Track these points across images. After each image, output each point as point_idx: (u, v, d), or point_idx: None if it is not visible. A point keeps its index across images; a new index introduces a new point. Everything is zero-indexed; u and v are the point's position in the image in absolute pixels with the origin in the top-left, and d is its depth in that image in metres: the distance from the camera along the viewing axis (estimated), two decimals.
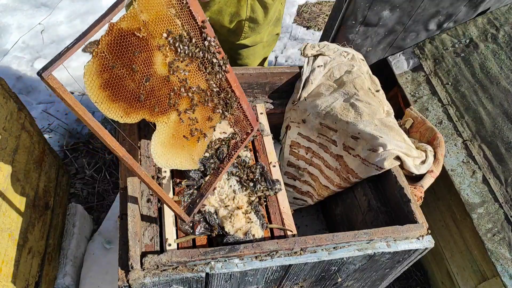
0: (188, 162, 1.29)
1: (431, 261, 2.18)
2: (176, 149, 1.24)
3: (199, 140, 1.32)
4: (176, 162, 1.25)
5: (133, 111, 1.07)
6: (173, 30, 1.11)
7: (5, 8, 3.22)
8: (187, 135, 1.26)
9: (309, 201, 1.87)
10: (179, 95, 1.19)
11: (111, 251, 2.06)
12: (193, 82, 1.23)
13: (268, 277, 1.28)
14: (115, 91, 1.01)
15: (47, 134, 2.57)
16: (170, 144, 1.21)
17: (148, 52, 1.06)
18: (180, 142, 1.25)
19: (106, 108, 1.01)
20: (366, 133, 1.48)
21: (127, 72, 1.02)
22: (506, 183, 1.70)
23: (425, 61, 2.05)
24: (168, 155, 1.21)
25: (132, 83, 1.04)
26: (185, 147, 1.27)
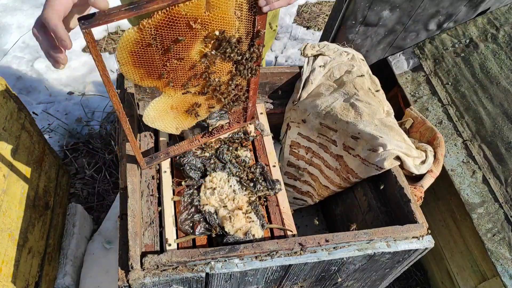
0: (170, 129, 1.34)
1: (431, 261, 2.18)
2: (167, 117, 1.28)
3: (191, 117, 1.34)
4: (160, 125, 1.30)
5: (149, 80, 1.08)
6: (228, 30, 1.08)
7: (5, 8, 3.22)
8: (182, 110, 1.29)
9: (309, 201, 1.87)
10: (197, 81, 1.18)
11: (111, 251, 2.06)
12: (218, 75, 1.23)
13: (268, 277, 1.28)
14: (141, 61, 1.01)
15: (47, 134, 2.57)
16: (164, 111, 1.25)
17: (192, 40, 1.04)
18: (174, 113, 1.28)
19: (126, 70, 1.01)
20: (366, 133, 1.48)
21: (161, 51, 1.01)
22: (506, 183, 1.70)
23: (425, 61, 2.05)
24: (157, 117, 1.26)
25: (160, 60, 1.04)
26: (175, 118, 1.31)
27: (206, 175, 1.41)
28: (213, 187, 1.37)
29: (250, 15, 1.09)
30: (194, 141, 1.39)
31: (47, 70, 2.91)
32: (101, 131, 2.65)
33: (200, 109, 1.33)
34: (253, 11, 1.08)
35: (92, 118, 2.71)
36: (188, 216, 1.31)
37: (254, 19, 1.10)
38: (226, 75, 1.25)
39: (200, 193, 1.36)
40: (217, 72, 1.22)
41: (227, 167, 1.44)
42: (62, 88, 2.85)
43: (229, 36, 1.10)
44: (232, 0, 1.02)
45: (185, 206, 1.34)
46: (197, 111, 1.33)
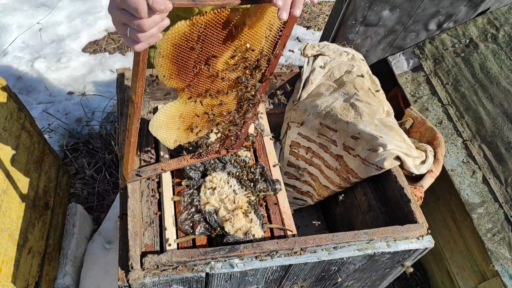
0: (169, 141, 1.33)
1: (431, 261, 2.18)
2: (172, 126, 1.27)
3: (190, 133, 1.33)
4: (163, 134, 1.29)
5: (175, 79, 1.09)
6: (255, 47, 1.10)
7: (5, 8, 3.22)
8: (187, 123, 1.28)
9: (309, 201, 1.87)
10: (211, 92, 1.18)
11: (111, 251, 2.06)
12: (229, 94, 1.24)
13: (268, 277, 1.28)
14: (179, 57, 1.02)
15: (47, 134, 2.57)
16: (172, 119, 1.24)
17: (225, 47, 1.06)
18: (179, 123, 1.28)
19: (161, 63, 1.02)
20: (366, 133, 1.48)
21: (198, 51, 1.02)
22: (506, 183, 1.70)
23: (425, 61, 2.05)
24: (164, 124, 1.26)
25: (193, 61, 1.05)
26: (178, 130, 1.30)
27: (206, 175, 1.41)
28: (213, 187, 1.37)
29: (275, 37, 1.10)
30: (182, 160, 1.37)
31: (47, 70, 2.91)
32: (101, 131, 2.65)
33: (201, 127, 1.33)
34: (279, 34, 1.09)
35: (92, 118, 2.71)
36: (188, 216, 1.31)
37: (276, 43, 1.11)
38: (234, 98, 1.26)
39: (200, 193, 1.36)
40: (231, 87, 1.22)
41: (227, 167, 1.44)
42: (62, 88, 2.85)
43: (254, 51, 1.11)
44: (267, 18, 1.04)
45: (185, 206, 1.34)
46: (198, 128, 1.32)
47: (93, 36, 3.22)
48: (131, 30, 0.82)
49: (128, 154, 1.18)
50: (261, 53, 1.12)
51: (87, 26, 3.23)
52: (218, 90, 1.19)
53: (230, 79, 1.17)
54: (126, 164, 1.22)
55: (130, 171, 1.24)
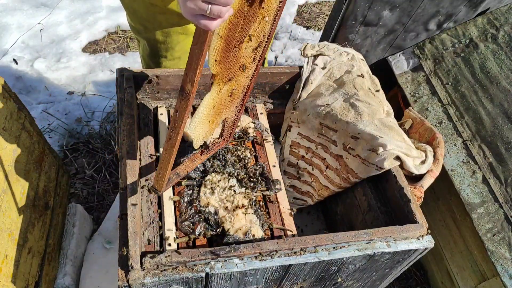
0: (200, 139, 1.29)
1: (431, 261, 2.18)
2: (207, 120, 1.23)
3: (212, 126, 1.31)
4: (198, 130, 1.23)
5: (222, 64, 1.08)
6: (269, 19, 1.11)
7: (5, 8, 3.22)
8: (217, 114, 1.26)
9: (309, 201, 1.87)
10: (238, 73, 1.18)
11: (111, 251, 2.06)
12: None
13: (268, 277, 1.28)
14: (230, 37, 1.03)
15: (47, 134, 2.57)
16: (208, 111, 1.21)
17: (253, 20, 1.07)
18: (211, 115, 1.24)
19: (217, 45, 1.02)
20: (366, 133, 1.48)
21: (241, 28, 1.04)
22: (506, 183, 1.70)
23: (425, 61, 2.05)
24: (203, 120, 1.21)
25: (236, 40, 1.06)
26: (209, 123, 1.26)
27: (206, 175, 1.41)
28: (213, 187, 1.37)
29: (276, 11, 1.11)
30: (196, 159, 1.36)
31: (47, 70, 2.91)
32: (101, 131, 2.65)
33: (225, 116, 1.33)
34: (279, 6, 1.09)
35: (92, 118, 2.71)
36: (188, 216, 1.31)
37: (276, 15, 1.12)
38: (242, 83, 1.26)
39: (200, 193, 1.36)
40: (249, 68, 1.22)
41: (227, 167, 1.44)
42: (62, 88, 2.85)
43: (267, 26, 1.12)
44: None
45: (185, 206, 1.34)
46: (223, 118, 1.32)
47: (93, 36, 3.22)
48: (213, 8, 0.87)
49: (170, 158, 1.09)
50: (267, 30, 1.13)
51: (87, 26, 3.23)
52: (240, 70, 1.17)
53: (248, 57, 1.16)
54: (164, 172, 1.13)
55: (166, 180, 1.15)
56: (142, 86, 1.56)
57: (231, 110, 1.35)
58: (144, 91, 1.58)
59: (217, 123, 1.34)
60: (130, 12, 1.73)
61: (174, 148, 1.08)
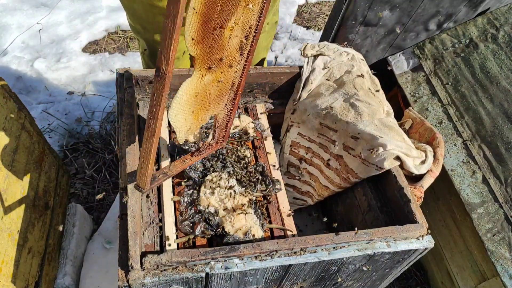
0: (183, 132, 1.22)
1: (431, 261, 2.18)
2: (188, 110, 1.19)
3: (199, 119, 1.25)
4: (180, 120, 1.19)
5: (199, 45, 1.07)
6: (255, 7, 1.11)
7: (5, 8, 3.22)
8: (200, 103, 1.21)
9: (309, 201, 1.87)
10: (222, 63, 1.16)
11: (111, 251, 2.06)
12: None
13: (268, 277, 1.28)
14: (207, 15, 1.03)
15: (47, 134, 2.57)
16: (190, 99, 1.17)
17: (234, 8, 1.08)
18: (194, 105, 1.19)
19: (193, 20, 1.02)
20: (366, 133, 1.48)
21: (220, 9, 1.04)
22: (506, 183, 1.70)
23: (425, 61, 2.05)
24: (182, 107, 1.17)
25: (215, 21, 1.06)
26: (192, 114, 1.21)
27: (206, 175, 1.41)
28: (213, 187, 1.37)
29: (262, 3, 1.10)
30: (186, 160, 1.31)
31: (47, 70, 2.91)
32: (101, 131, 2.65)
33: (210, 110, 1.27)
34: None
35: (92, 118, 2.71)
36: (188, 216, 1.31)
37: (262, 8, 1.11)
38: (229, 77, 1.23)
39: (200, 193, 1.36)
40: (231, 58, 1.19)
41: (227, 167, 1.44)
42: (62, 88, 2.85)
43: (253, 14, 1.12)
44: None
45: (185, 206, 1.34)
46: (207, 112, 1.26)
47: (93, 36, 3.22)
48: None
49: (151, 149, 1.03)
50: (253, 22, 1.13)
51: (87, 26, 3.23)
52: (224, 61, 1.15)
53: (233, 48, 1.15)
54: (146, 166, 1.08)
55: (149, 175, 1.11)
56: (142, 86, 1.56)
57: (220, 107, 1.30)
58: (144, 91, 1.58)
59: (204, 118, 1.27)
60: (130, 13, 1.73)
61: (154, 137, 1.01)
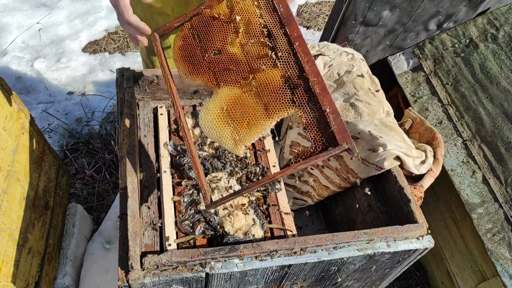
0: (227, 141, 1.11)
1: (431, 261, 2.18)
2: (221, 122, 1.12)
3: (249, 126, 1.10)
4: (215, 134, 1.12)
5: (195, 75, 1.19)
6: (250, 17, 1.16)
7: (5, 8, 3.22)
8: (236, 114, 1.11)
9: (309, 201, 1.87)
10: (242, 72, 1.14)
11: (111, 251, 2.06)
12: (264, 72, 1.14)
13: (268, 277, 1.28)
14: (187, 55, 1.20)
15: (47, 134, 2.57)
16: (217, 115, 1.12)
17: (221, 31, 1.18)
18: (226, 118, 1.12)
19: (177, 65, 1.20)
20: (366, 133, 1.48)
21: (199, 44, 1.19)
22: (506, 183, 1.70)
23: (425, 61, 2.05)
24: (212, 123, 1.12)
25: (201, 54, 1.19)
26: (229, 125, 1.11)
27: (206, 175, 1.41)
28: (213, 187, 1.37)
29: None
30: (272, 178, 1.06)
31: (47, 70, 2.91)
32: (101, 131, 2.65)
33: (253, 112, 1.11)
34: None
35: (92, 118, 2.71)
36: (188, 216, 1.31)
37: (273, 3, 1.14)
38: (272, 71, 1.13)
39: (200, 193, 1.36)
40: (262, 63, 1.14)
41: (227, 167, 1.44)
42: (62, 88, 2.85)
43: (252, 20, 1.15)
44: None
45: (185, 206, 1.34)
46: (253, 115, 1.11)
47: (93, 36, 3.22)
48: (128, 33, 1.19)
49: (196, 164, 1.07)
50: (265, 21, 1.15)
51: (87, 26, 3.23)
52: (249, 70, 1.14)
53: (254, 53, 1.13)
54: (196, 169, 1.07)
55: (207, 193, 1.04)
56: (142, 86, 1.56)
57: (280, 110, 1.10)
58: (144, 91, 1.58)
59: (257, 126, 1.11)
60: None
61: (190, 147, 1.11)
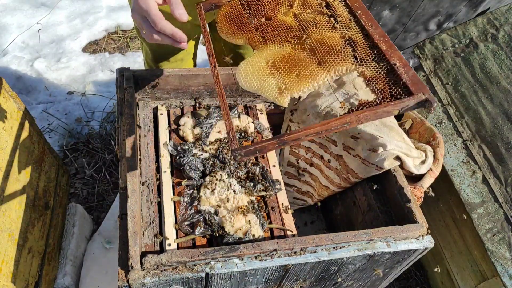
0: (272, 91, 1.00)
1: (431, 261, 2.18)
2: (263, 74, 1.04)
3: (299, 75, 1.03)
4: (256, 84, 1.02)
5: (240, 34, 1.16)
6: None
7: (5, 8, 3.22)
8: (285, 67, 1.05)
9: (309, 201, 1.87)
10: (294, 32, 1.11)
11: (111, 251, 2.06)
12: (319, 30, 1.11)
13: (268, 277, 1.28)
14: (231, 18, 1.18)
15: (47, 134, 2.57)
16: (260, 68, 1.05)
17: (277, 3, 1.17)
18: (272, 70, 1.05)
19: (220, 26, 1.18)
20: (366, 133, 1.48)
21: (248, 12, 1.18)
22: (506, 183, 1.70)
23: (425, 61, 2.05)
24: (253, 74, 1.04)
25: (248, 18, 1.17)
26: (274, 76, 1.04)
27: (206, 175, 1.41)
28: (213, 187, 1.37)
29: None
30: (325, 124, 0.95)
31: (47, 70, 2.91)
32: (101, 131, 2.65)
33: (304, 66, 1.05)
34: None
35: (92, 118, 2.71)
36: (188, 216, 1.31)
37: None
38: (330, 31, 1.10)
39: (200, 193, 1.36)
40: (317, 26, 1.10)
41: (227, 167, 1.44)
42: (62, 88, 2.85)
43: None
44: None
45: (185, 206, 1.34)
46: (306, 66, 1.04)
47: (93, 36, 3.22)
48: (145, 31, 1.11)
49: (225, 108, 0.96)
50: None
51: (87, 26, 3.23)
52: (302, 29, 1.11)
53: (310, 22, 1.12)
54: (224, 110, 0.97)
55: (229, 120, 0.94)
56: (142, 86, 1.56)
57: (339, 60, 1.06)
58: (144, 91, 1.58)
59: (308, 75, 1.03)
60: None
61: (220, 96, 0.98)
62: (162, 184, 1.38)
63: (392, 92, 0.94)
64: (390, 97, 0.93)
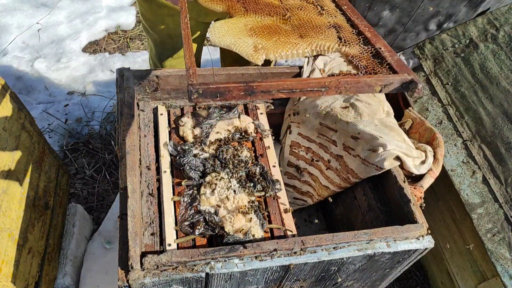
0: (246, 48, 0.96)
1: (431, 261, 2.18)
2: (241, 34, 1.01)
3: (277, 40, 0.99)
4: (230, 40, 0.98)
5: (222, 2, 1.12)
6: None
7: (5, 8, 3.22)
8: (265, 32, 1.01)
9: (309, 201, 1.87)
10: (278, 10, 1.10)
11: (111, 251, 2.06)
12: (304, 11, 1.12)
13: (268, 277, 1.28)
14: None
15: (47, 134, 2.57)
16: (237, 29, 1.03)
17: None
18: (250, 32, 1.02)
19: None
20: (366, 133, 1.48)
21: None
22: (506, 183, 1.70)
23: (425, 61, 2.05)
24: (227, 32, 1.01)
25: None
26: (252, 37, 1.01)
27: (206, 175, 1.41)
28: (213, 187, 1.37)
29: None
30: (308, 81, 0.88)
31: (47, 70, 2.91)
32: (101, 131, 2.65)
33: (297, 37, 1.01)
34: None
35: (92, 118, 2.71)
36: (188, 216, 1.31)
37: None
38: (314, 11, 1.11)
39: (200, 193, 1.36)
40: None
41: (227, 167, 1.44)
42: (62, 88, 2.85)
43: None
44: None
45: (185, 206, 1.34)
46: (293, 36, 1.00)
47: (93, 36, 3.22)
48: None
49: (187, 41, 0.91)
50: None
51: (87, 26, 3.23)
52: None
53: (296, 6, 1.12)
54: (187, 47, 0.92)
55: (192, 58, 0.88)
56: (142, 86, 1.56)
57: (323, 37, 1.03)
58: (144, 91, 1.58)
59: (289, 42, 1.01)
60: (140, 12, 1.77)
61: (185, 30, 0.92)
62: (162, 184, 1.38)
63: (376, 70, 0.91)
64: (373, 74, 0.90)
